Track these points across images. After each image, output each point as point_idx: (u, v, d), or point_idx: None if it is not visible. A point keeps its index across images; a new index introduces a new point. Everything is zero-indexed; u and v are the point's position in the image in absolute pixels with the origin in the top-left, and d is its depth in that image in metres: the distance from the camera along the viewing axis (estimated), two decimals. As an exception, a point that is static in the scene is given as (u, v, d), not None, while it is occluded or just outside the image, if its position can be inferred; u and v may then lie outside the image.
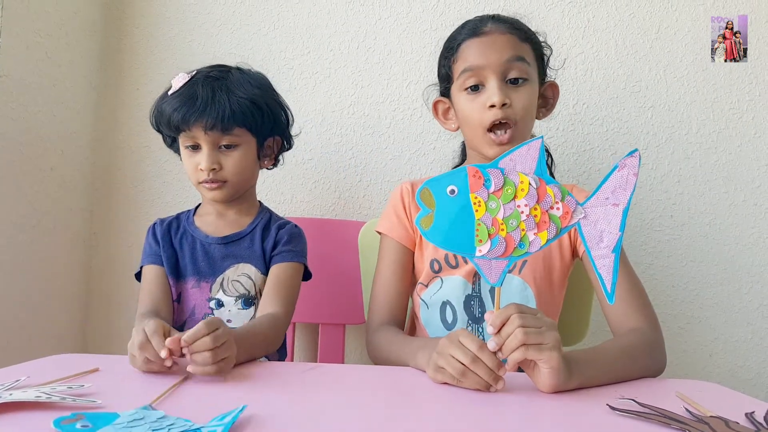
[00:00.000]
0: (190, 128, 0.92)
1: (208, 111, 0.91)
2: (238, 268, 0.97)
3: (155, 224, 1.02)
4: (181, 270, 0.97)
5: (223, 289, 0.96)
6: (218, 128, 0.91)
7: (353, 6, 1.35)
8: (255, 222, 1.01)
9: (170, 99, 0.94)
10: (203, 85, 0.93)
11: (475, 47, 0.90)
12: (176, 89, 0.94)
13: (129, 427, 0.46)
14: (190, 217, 1.02)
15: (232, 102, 0.92)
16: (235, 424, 0.48)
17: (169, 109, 0.93)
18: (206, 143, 0.93)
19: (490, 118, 0.87)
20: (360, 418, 0.55)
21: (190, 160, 0.95)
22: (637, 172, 0.62)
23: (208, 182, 0.94)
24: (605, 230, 0.62)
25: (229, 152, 0.94)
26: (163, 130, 0.99)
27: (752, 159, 1.30)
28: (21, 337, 1.15)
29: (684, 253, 1.30)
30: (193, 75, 0.95)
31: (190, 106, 0.91)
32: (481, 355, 0.63)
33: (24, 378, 0.60)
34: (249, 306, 0.96)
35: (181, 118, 0.91)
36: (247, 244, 0.98)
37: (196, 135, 0.93)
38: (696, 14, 1.30)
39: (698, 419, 0.53)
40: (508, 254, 0.63)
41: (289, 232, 1.00)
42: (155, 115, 0.97)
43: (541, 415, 0.58)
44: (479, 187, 0.62)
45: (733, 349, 1.29)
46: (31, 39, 1.15)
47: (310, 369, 0.74)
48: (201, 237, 0.98)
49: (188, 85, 0.94)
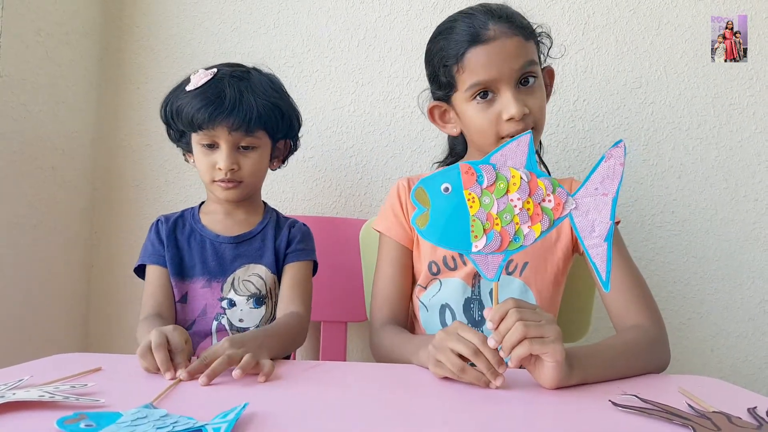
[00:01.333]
0: (214, 127, 0.91)
1: (236, 111, 0.90)
2: (248, 269, 0.97)
3: (159, 221, 1.00)
4: (187, 269, 0.96)
5: (235, 289, 0.95)
6: (243, 129, 0.91)
7: (353, 4, 1.35)
8: (264, 221, 1.01)
9: (191, 96, 0.92)
10: (230, 85, 0.92)
11: (484, 58, 0.83)
12: (197, 86, 0.92)
13: (133, 425, 0.46)
14: (196, 214, 1.01)
15: (258, 104, 0.92)
16: (238, 421, 0.48)
17: (193, 106, 0.90)
18: (227, 143, 0.92)
19: (508, 130, 0.84)
20: (362, 416, 0.55)
21: (207, 158, 0.94)
22: (623, 162, 0.63)
23: (224, 182, 0.94)
24: (596, 220, 0.63)
25: (247, 153, 0.94)
26: (176, 126, 0.97)
27: (753, 155, 1.30)
28: (23, 337, 1.15)
29: (685, 248, 1.30)
30: (215, 73, 0.93)
31: (218, 105, 0.89)
32: (483, 349, 0.63)
33: (27, 378, 0.61)
34: (260, 305, 0.96)
35: (208, 116, 0.89)
36: (258, 243, 0.98)
37: (217, 134, 0.92)
38: (696, 11, 1.30)
39: (701, 414, 0.53)
40: (503, 248, 0.63)
41: (301, 230, 1.02)
42: (171, 111, 0.95)
43: (544, 412, 0.58)
44: (472, 183, 0.63)
45: (734, 345, 1.29)
46: (31, 38, 1.15)
47: (312, 367, 0.74)
48: (211, 236, 0.97)
49: (211, 83, 0.92)
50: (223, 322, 0.95)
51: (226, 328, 0.94)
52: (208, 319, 0.94)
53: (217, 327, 0.94)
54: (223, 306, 0.95)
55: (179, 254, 0.96)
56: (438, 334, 0.67)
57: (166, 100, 0.97)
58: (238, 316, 0.95)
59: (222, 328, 0.94)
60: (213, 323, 0.94)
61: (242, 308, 0.95)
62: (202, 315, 0.95)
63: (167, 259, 0.95)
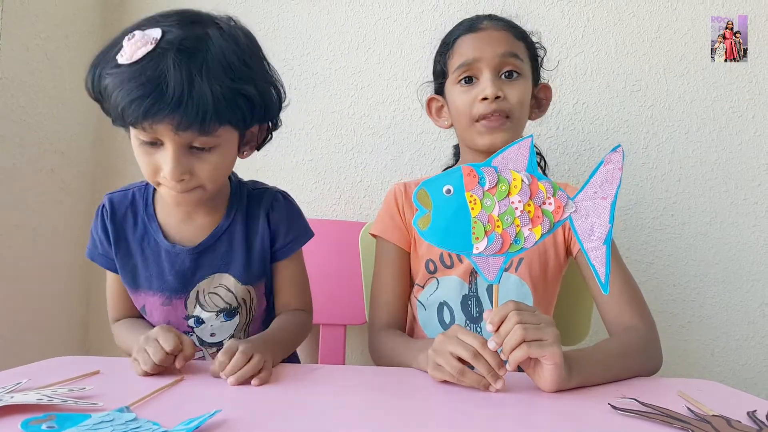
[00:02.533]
0: (152, 125, 0.67)
1: (183, 107, 0.65)
2: (213, 279, 0.81)
3: (103, 209, 0.82)
4: (141, 281, 0.81)
5: (200, 304, 0.81)
6: (195, 129, 0.67)
7: (353, 7, 1.35)
8: (230, 215, 0.82)
9: (122, 74, 0.66)
10: (175, 66, 0.65)
11: (470, 42, 0.91)
12: (131, 60, 0.66)
13: (93, 428, 0.46)
14: (150, 206, 0.81)
15: (215, 93, 0.66)
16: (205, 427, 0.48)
17: (123, 93, 0.65)
18: (173, 143, 0.69)
19: (481, 110, 0.88)
20: (361, 420, 0.54)
21: (148, 158, 0.72)
22: (621, 167, 0.63)
23: (174, 189, 0.73)
24: (595, 223, 0.63)
25: (203, 155, 0.72)
26: (105, 107, 0.72)
27: (752, 158, 1.30)
28: (22, 340, 1.15)
29: (685, 251, 1.30)
30: (157, 43, 0.66)
31: (157, 97, 0.64)
32: (483, 352, 0.63)
33: (25, 381, 0.60)
34: (232, 317, 0.83)
35: (143, 112, 0.65)
36: (224, 248, 0.81)
37: (160, 132, 0.68)
38: (696, 13, 1.30)
39: (700, 418, 0.53)
40: (504, 251, 0.64)
41: (284, 216, 0.85)
42: (99, 88, 0.70)
43: (544, 415, 0.58)
44: (474, 185, 0.63)
45: (734, 348, 1.29)
46: (31, 41, 1.15)
47: (311, 371, 0.74)
48: (166, 246, 0.80)
49: (150, 60, 0.66)
50: (194, 338, 0.83)
51: (197, 346, 0.82)
52: None
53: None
54: (190, 325, 0.82)
55: (131, 261, 0.81)
56: (437, 338, 0.67)
57: (93, 67, 0.72)
58: (209, 332, 0.83)
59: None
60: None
61: (212, 323, 0.82)
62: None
63: (117, 265, 0.81)
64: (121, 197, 0.83)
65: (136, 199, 0.83)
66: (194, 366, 0.72)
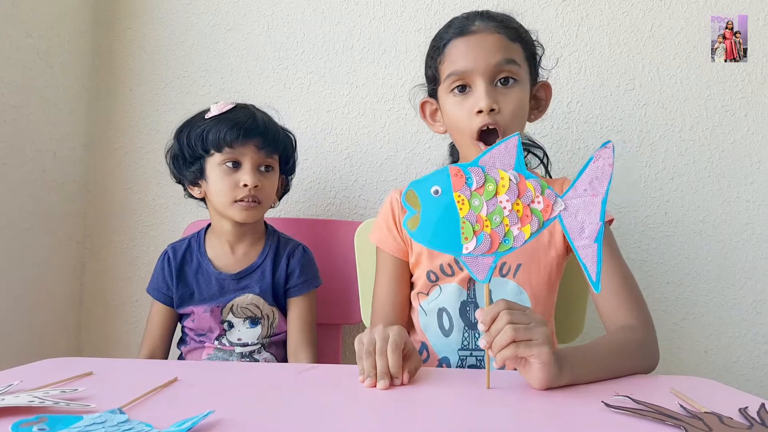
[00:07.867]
0: (242, 145, 0.98)
1: (264, 132, 1.00)
2: (247, 297, 1.05)
3: (167, 255, 1.07)
4: (195, 300, 1.05)
5: (233, 313, 1.05)
6: (270, 148, 1.01)
7: (347, 5, 1.35)
8: (265, 251, 1.08)
9: (216, 121, 0.99)
10: (256, 111, 1.03)
11: (462, 49, 0.86)
12: (221, 112, 1.00)
13: (85, 430, 0.46)
14: (202, 245, 1.07)
15: (279, 130, 1.05)
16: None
17: (221, 127, 0.98)
18: (251, 162, 0.99)
19: (477, 123, 0.84)
20: (357, 419, 0.54)
21: (229, 177, 0.99)
22: (612, 163, 0.63)
23: (246, 201, 0.99)
24: (586, 221, 0.63)
25: (266, 174, 1.03)
26: (193, 151, 1.01)
27: (745, 156, 1.30)
28: (14, 341, 1.14)
29: (678, 250, 1.31)
30: (236, 104, 1.03)
31: (250, 124, 0.99)
32: (379, 357, 0.66)
33: (17, 382, 0.60)
34: (256, 325, 1.06)
35: (242, 133, 0.97)
36: (258, 276, 1.06)
37: (244, 152, 0.99)
38: (689, 12, 1.31)
39: (692, 415, 0.53)
40: (493, 250, 0.63)
41: (300, 262, 1.08)
42: (191, 137, 1.00)
43: (536, 413, 0.58)
44: (462, 185, 0.63)
45: (727, 345, 1.30)
46: (21, 40, 1.14)
47: (306, 370, 0.74)
48: (215, 273, 1.05)
49: (235, 110, 1.01)
50: (224, 341, 1.05)
51: (227, 345, 1.05)
52: (210, 337, 1.05)
53: (219, 344, 1.05)
54: (224, 327, 1.05)
55: (189, 289, 1.05)
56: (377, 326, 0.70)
57: (183, 128, 1.03)
58: (237, 336, 1.05)
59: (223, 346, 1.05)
60: (214, 342, 1.05)
61: (240, 329, 1.05)
62: (207, 333, 1.06)
63: (175, 297, 1.05)
64: (179, 244, 1.09)
65: (192, 244, 1.09)
66: (188, 366, 0.71)
